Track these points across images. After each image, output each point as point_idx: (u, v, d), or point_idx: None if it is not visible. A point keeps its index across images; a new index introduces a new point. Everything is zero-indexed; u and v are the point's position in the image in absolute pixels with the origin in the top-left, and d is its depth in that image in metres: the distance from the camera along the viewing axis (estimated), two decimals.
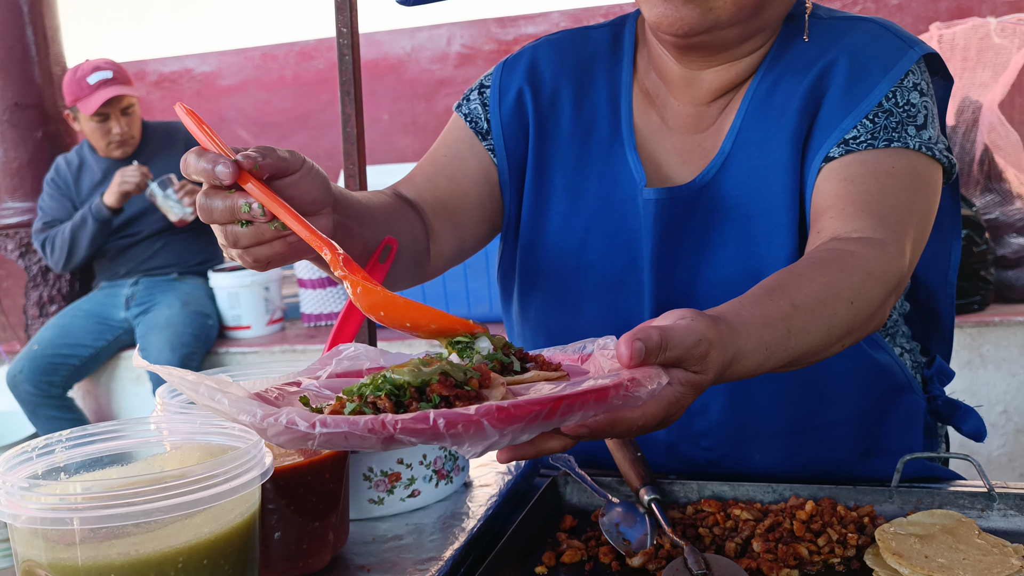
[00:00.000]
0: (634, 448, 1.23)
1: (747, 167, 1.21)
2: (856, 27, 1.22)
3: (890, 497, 1.14)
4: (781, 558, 1.02)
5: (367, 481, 1.18)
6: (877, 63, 1.17)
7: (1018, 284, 3.01)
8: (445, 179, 1.32)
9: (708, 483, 1.21)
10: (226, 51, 6.75)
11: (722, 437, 1.29)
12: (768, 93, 1.21)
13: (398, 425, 0.67)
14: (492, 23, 6.83)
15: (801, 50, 1.22)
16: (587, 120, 1.30)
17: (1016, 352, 2.91)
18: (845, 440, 1.29)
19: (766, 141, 1.20)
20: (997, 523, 1.10)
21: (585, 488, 1.24)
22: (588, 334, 1.19)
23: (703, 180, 1.22)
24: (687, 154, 1.27)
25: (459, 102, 1.37)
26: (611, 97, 1.30)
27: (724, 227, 1.21)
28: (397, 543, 1.12)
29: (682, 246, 1.23)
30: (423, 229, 1.27)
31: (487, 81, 1.37)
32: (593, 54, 1.34)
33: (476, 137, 1.34)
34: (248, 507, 0.83)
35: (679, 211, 1.22)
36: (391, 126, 6.50)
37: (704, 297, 1.22)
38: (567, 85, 1.32)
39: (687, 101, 1.27)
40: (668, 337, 0.77)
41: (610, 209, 1.27)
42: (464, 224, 1.32)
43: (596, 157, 1.29)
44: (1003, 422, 2.94)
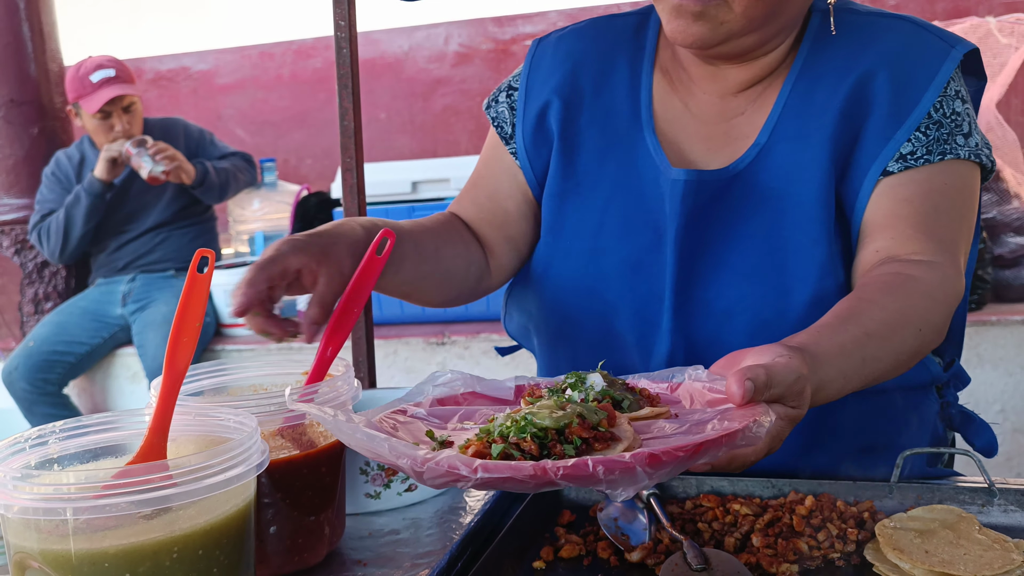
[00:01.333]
0: None
1: (783, 160, 1.21)
2: (894, 27, 1.23)
3: (890, 493, 1.14)
4: (781, 553, 1.02)
5: (363, 475, 1.17)
6: (922, 70, 1.19)
7: (1015, 283, 3.01)
8: (486, 198, 1.39)
9: (707, 478, 1.20)
10: (223, 49, 6.73)
11: None
12: (809, 90, 1.22)
13: (559, 472, 0.72)
14: (490, 22, 6.82)
15: (840, 48, 1.23)
16: (606, 105, 1.31)
17: (1013, 351, 2.91)
18: (852, 431, 1.28)
19: (805, 139, 1.21)
20: (998, 519, 1.10)
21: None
22: (606, 314, 1.23)
23: (736, 168, 1.22)
24: (711, 141, 1.27)
25: (488, 101, 1.41)
26: (632, 83, 1.31)
27: (755, 216, 1.22)
28: (394, 537, 1.11)
29: (709, 230, 1.22)
30: (479, 248, 1.36)
31: (515, 83, 1.39)
32: (616, 41, 1.35)
33: (502, 144, 1.39)
34: (243, 498, 0.83)
35: (708, 195, 1.22)
36: (388, 125, 6.49)
37: (727, 285, 1.22)
38: (587, 71, 1.33)
39: (713, 91, 1.28)
40: (772, 375, 0.82)
41: (628, 191, 1.27)
42: (515, 236, 1.38)
43: (615, 141, 1.30)
44: (1001, 421, 2.94)
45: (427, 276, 1.27)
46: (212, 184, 3.92)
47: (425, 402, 0.96)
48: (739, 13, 1.13)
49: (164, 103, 6.32)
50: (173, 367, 0.89)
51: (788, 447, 1.27)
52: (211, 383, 1.13)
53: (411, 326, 3.61)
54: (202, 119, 7.03)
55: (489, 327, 3.43)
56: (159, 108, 5.91)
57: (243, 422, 0.87)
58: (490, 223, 1.38)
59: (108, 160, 3.73)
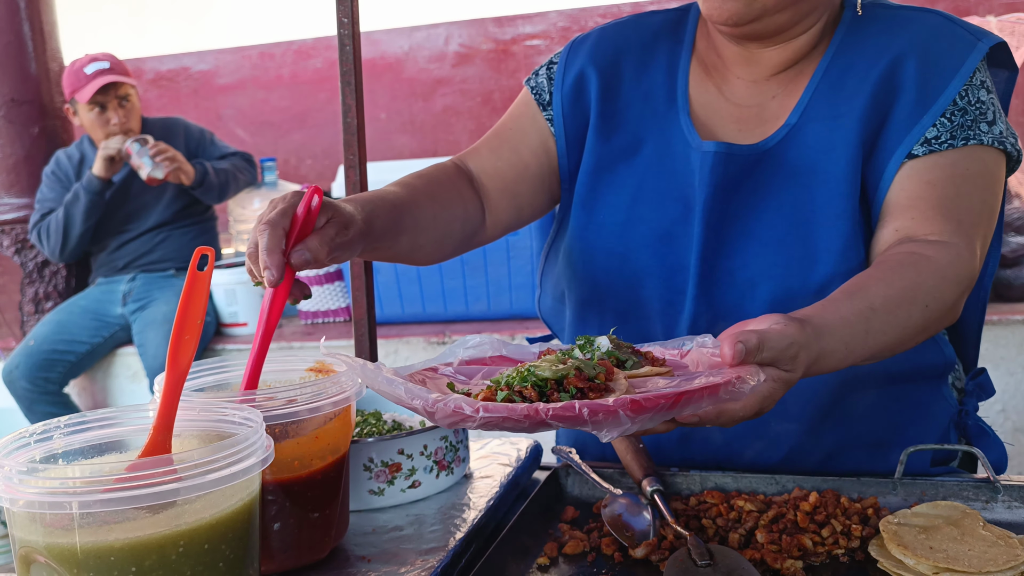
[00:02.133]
0: (636, 440, 1.23)
1: (813, 139, 1.25)
2: (924, 18, 1.27)
3: (894, 489, 1.14)
4: (785, 549, 1.02)
5: (367, 472, 1.17)
6: (949, 59, 1.22)
7: (1016, 283, 3.01)
8: (508, 151, 1.42)
9: (711, 474, 1.20)
10: (223, 49, 6.73)
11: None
12: (841, 75, 1.26)
13: (550, 412, 0.79)
14: (490, 23, 6.82)
15: (871, 37, 1.27)
16: (645, 90, 1.37)
17: (1014, 351, 2.91)
18: (864, 422, 1.28)
19: (836, 119, 1.24)
20: (1002, 515, 1.10)
21: (586, 480, 1.23)
22: (634, 284, 1.28)
23: (766, 145, 1.26)
24: (744, 122, 1.31)
25: (529, 76, 1.46)
26: (669, 70, 1.37)
27: (782, 191, 1.25)
28: (397, 534, 1.11)
29: (736, 202, 1.26)
30: (478, 202, 1.37)
31: (556, 58, 1.46)
32: (656, 33, 1.41)
33: (538, 108, 1.43)
34: (248, 493, 0.82)
35: (737, 168, 1.25)
36: (389, 125, 6.49)
37: (753, 255, 1.25)
38: (629, 60, 1.39)
39: (746, 76, 1.33)
40: (764, 340, 0.87)
41: (662, 166, 1.32)
42: (523, 194, 1.41)
43: (651, 121, 1.35)
44: (1001, 420, 2.94)
45: (419, 246, 1.28)
46: (212, 185, 3.91)
47: (455, 363, 1.02)
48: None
49: (165, 103, 6.32)
50: (176, 363, 0.89)
51: (800, 439, 1.27)
52: (213, 380, 1.13)
53: (412, 325, 3.60)
54: (203, 119, 7.02)
55: (490, 326, 3.43)
56: (160, 108, 5.91)
57: (248, 417, 0.87)
58: (503, 176, 1.40)
59: (106, 158, 3.73)
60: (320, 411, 1.00)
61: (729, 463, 1.29)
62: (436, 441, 1.20)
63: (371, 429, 1.25)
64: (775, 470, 1.25)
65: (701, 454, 1.31)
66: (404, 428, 1.27)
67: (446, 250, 1.36)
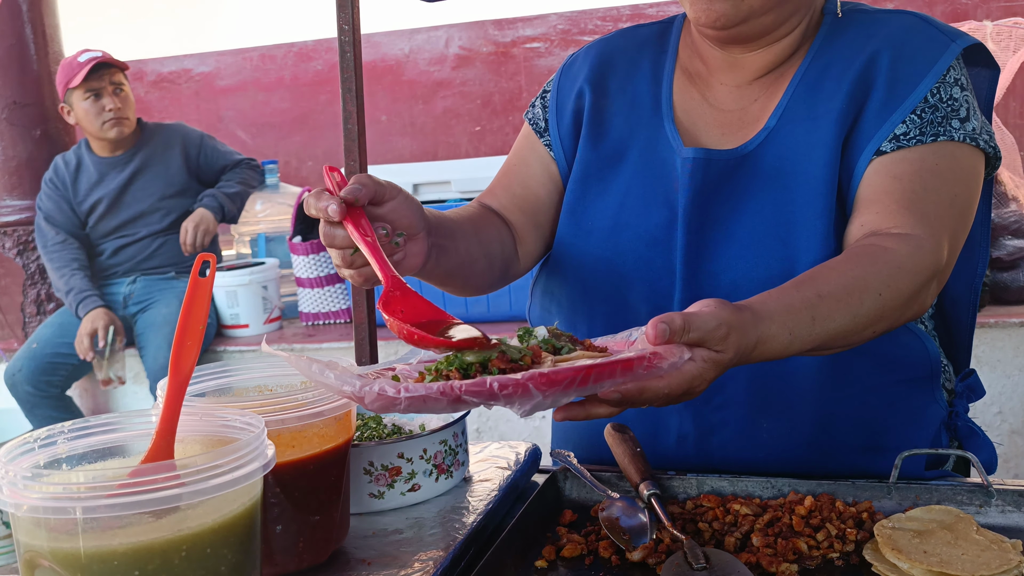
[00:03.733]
0: (633, 444, 1.24)
1: (792, 141, 1.27)
2: (897, 19, 1.30)
3: (888, 493, 1.15)
4: (780, 552, 1.03)
5: (367, 475, 1.18)
6: (921, 57, 1.24)
7: (1013, 286, 3.02)
8: (519, 186, 1.47)
9: (707, 478, 1.21)
10: (224, 51, 6.74)
11: (736, 395, 1.29)
12: (819, 77, 1.28)
13: (463, 388, 0.82)
14: (490, 25, 6.83)
15: (848, 39, 1.29)
16: (630, 98, 1.40)
17: (1011, 353, 2.92)
18: (853, 420, 1.30)
19: (813, 120, 1.26)
20: (995, 519, 1.11)
21: (584, 483, 1.24)
22: (621, 289, 1.30)
23: (745, 149, 1.28)
24: (727, 126, 1.33)
25: (527, 109, 1.52)
26: (654, 78, 1.40)
27: (762, 194, 1.27)
28: (397, 537, 1.12)
29: (715, 205, 1.28)
30: (510, 234, 1.43)
31: (548, 87, 1.51)
32: (641, 44, 1.45)
33: (537, 138, 1.49)
34: (250, 498, 0.84)
35: (716, 172, 1.28)
36: (389, 127, 6.50)
37: (735, 258, 1.26)
38: (615, 71, 1.43)
39: (729, 82, 1.35)
40: (690, 321, 0.89)
41: (648, 172, 1.35)
42: (543, 223, 1.46)
43: (637, 128, 1.38)
44: (998, 423, 2.94)
45: (473, 260, 1.33)
46: (231, 215, 3.99)
47: (414, 361, 1.03)
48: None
49: (166, 105, 6.33)
50: (178, 370, 0.90)
51: (793, 441, 1.29)
52: (215, 384, 1.14)
53: None
54: (203, 121, 7.03)
55: (490, 328, 3.42)
56: (161, 110, 5.92)
57: (250, 422, 0.89)
58: (522, 210, 1.46)
59: (82, 349, 3.73)
60: (323, 415, 1.01)
61: (725, 466, 1.30)
62: (435, 445, 1.21)
63: (371, 433, 1.26)
64: (771, 473, 1.27)
65: (698, 457, 1.33)
66: (404, 432, 1.28)
67: (495, 272, 1.41)
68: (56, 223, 3.90)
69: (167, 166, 3.95)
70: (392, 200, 1.11)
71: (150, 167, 3.93)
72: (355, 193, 1.05)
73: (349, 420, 1.08)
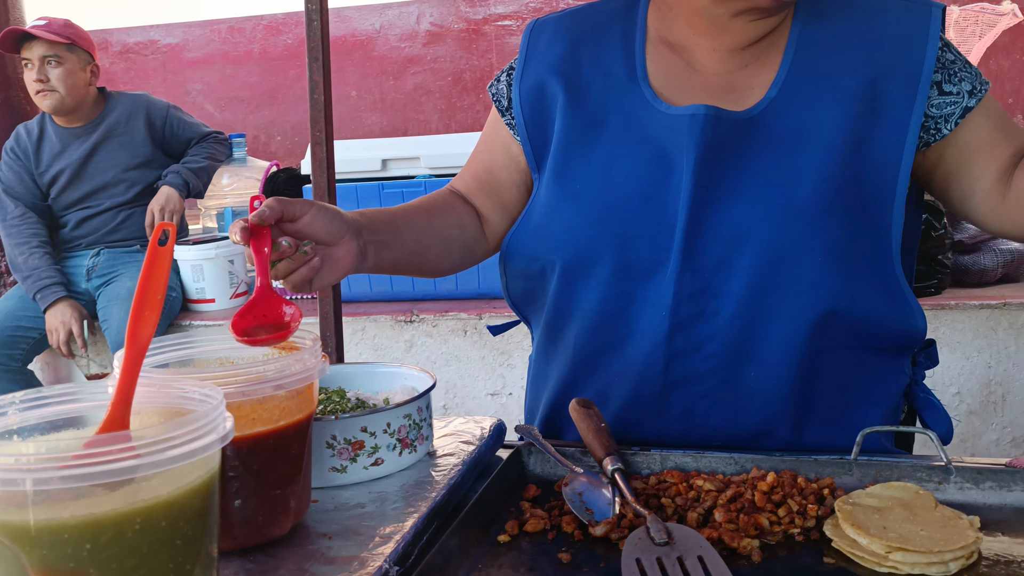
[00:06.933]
0: (598, 419, 1.24)
1: (797, 111, 1.30)
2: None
3: (849, 470, 1.16)
4: (742, 528, 1.03)
5: (330, 449, 1.17)
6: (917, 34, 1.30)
7: (974, 269, 3.06)
8: (483, 171, 1.53)
9: (671, 453, 1.22)
10: (192, 23, 6.63)
11: (725, 344, 1.31)
12: (814, 52, 1.32)
13: None
14: (461, 2, 6.77)
15: (831, 16, 1.33)
16: (604, 69, 1.41)
17: (970, 335, 2.96)
18: (831, 377, 1.32)
19: (820, 95, 1.30)
20: (954, 496, 1.12)
21: (548, 459, 1.24)
22: (620, 247, 1.33)
23: (750, 113, 1.30)
24: (716, 90, 1.34)
25: (492, 81, 1.53)
26: (626, 49, 1.41)
27: (767, 156, 1.29)
28: (359, 511, 1.12)
29: (723, 163, 1.29)
30: (473, 216, 1.51)
31: (514, 63, 1.50)
32: (610, 19, 1.45)
33: (499, 117, 1.51)
34: (207, 470, 0.82)
35: (726, 130, 1.29)
36: (359, 103, 6.44)
37: (740, 213, 1.28)
38: (586, 44, 1.43)
39: (718, 47, 1.36)
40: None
41: (630, 134, 1.36)
42: (509, 204, 1.52)
43: (614, 94, 1.39)
44: (956, 403, 2.99)
45: (426, 247, 1.42)
46: (197, 191, 3.93)
47: None
48: None
49: (132, 76, 6.22)
50: (136, 340, 0.88)
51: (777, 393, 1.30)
52: (176, 355, 1.12)
53: (379, 303, 3.59)
54: (170, 93, 6.90)
55: (458, 305, 3.43)
56: (127, 82, 5.81)
57: (208, 394, 0.87)
58: (486, 193, 1.53)
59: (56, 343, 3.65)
60: (283, 388, 1.00)
61: (704, 433, 1.33)
62: (399, 419, 1.21)
63: (334, 407, 1.25)
64: (746, 445, 1.29)
65: (674, 428, 1.35)
66: (368, 406, 1.27)
67: (454, 256, 1.48)
68: (16, 194, 3.82)
69: (131, 137, 3.88)
70: (305, 215, 1.20)
71: (114, 137, 3.86)
72: (260, 216, 1.14)
73: (311, 393, 1.07)
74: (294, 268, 1.18)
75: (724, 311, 1.30)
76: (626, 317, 1.35)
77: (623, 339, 1.36)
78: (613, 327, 1.36)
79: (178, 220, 3.84)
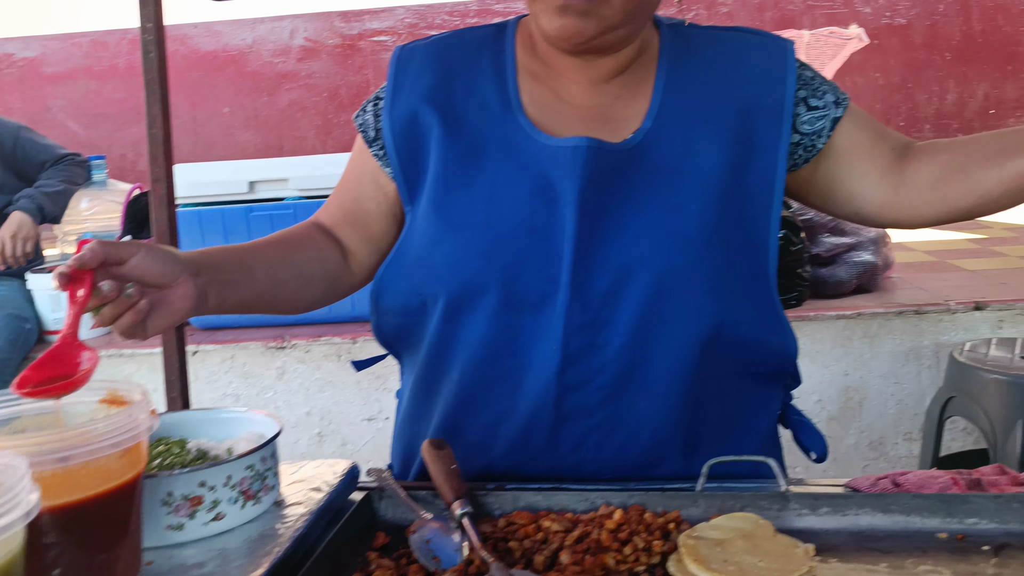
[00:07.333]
0: (448, 460, 1.22)
1: (672, 142, 1.32)
2: (731, 33, 1.41)
3: (696, 501, 1.17)
4: (588, 569, 1.03)
5: (166, 506, 1.12)
6: (775, 65, 1.36)
7: (831, 280, 3.19)
8: (350, 202, 1.48)
9: (523, 492, 1.21)
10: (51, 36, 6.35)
11: (615, 376, 1.31)
12: (685, 86, 1.35)
13: None
14: (336, 17, 6.70)
15: (698, 52, 1.38)
16: (479, 98, 1.39)
17: (829, 345, 3.08)
18: (715, 403, 1.35)
19: (692, 126, 1.33)
20: (793, 523, 1.15)
21: (401, 503, 1.21)
22: (507, 280, 1.31)
23: (628, 144, 1.31)
24: (590, 121, 1.35)
25: (358, 112, 1.48)
26: (498, 78, 1.40)
27: (650, 187, 1.31)
28: (199, 571, 1.07)
29: (607, 194, 1.30)
30: (336, 249, 1.45)
31: (381, 93, 1.46)
32: (479, 47, 1.43)
33: (366, 148, 1.46)
34: (8, 551, 0.77)
35: (608, 162, 1.30)
36: (232, 120, 6.28)
37: (627, 243, 1.29)
38: (458, 73, 1.41)
39: (583, 81, 1.37)
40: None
41: (511, 164, 1.34)
42: (377, 236, 1.47)
43: (491, 125, 1.37)
44: (818, 411, 3.11)
45: (280, 284, 1.36)
46: (53, 216, 3.74)
47: None
48: (619, 8, 1.25)
49: None
50: None
51: (668, 405, 1.32)
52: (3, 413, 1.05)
53: (249, 329, 3.49)
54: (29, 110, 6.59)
55: (331, 330, 3.36)
56: None
57: (10, 464, 0.81)
58: (353, 224, 1.47)
59: None
60: (103, 453, 0.95)
61: (596, 466, 1.33)
62: (241, 471, 1.16)
63: (173, 460, 1.20)
64: (637, 475, 1.32)
65: (566, 462, 1.34)
66: (209, 457, 1.22)
67: (315, 291, 1.42)
68: None
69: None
70: (133, 256, 1.15)
71: None
72: (80, 260, 1.10)
73: (139, 452, 1.02)
74: (119, 313, 1.13)
75: (614, 342, 1.30)
76: (515, 351, 1.33)
77: (512, 374, 1.34)
78: (501, 362, 1.34)
79: (32, 247, 3.65)
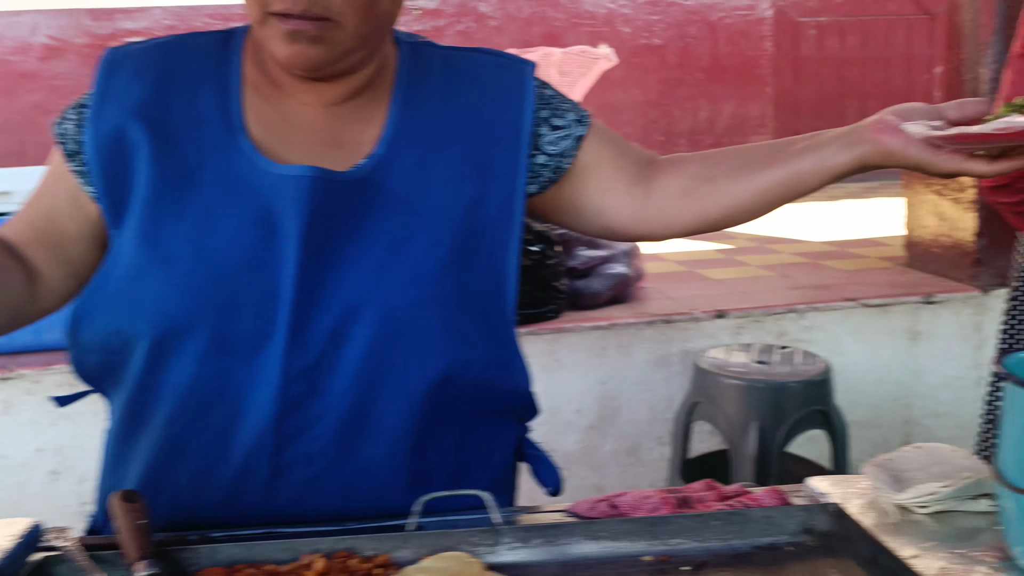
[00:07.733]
0: (137, 515, 1.10)
1: (403, 172, 1.25)
2: (478, 59, 1.36)
3: (408, 542, 1.12)
4: None
5: None
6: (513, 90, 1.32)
7: (586, 292, 3.28)
8: (42, 219, 1.30)
9: (222, 546, 1.11)
10: None
11: (337, 421, 1.23)
12: (420, 112, 1.28)
13: None
14: (84, 15, 6.25)
15: (435, 75, 1.31)
16: (198, 115, 1.26)
17: (586, 355, 3.17)
18: (445, 445, 1.30)
19: (427, 154, 1.26)
20: (506, 557, 1.12)
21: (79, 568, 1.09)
22: (220, 320, 1.20)
23: (358, 173, 1.23)
24: (319, 146, 1.26)
25: (58, 119, 1.30)
26: (220, 94, 1.28)
27: (379, 219, 1.23)
28: None
29: (333, 226, 1.22)
30: (18, 272, 1.26)
31: (87, 101, 1.28)
32: (203, 56, 1.30)
33: (64, 162, 1.29)
34: None
35: (334, 193, 1.21)
36: None
37: (353, 280, 1.21)
38: (175, 85, 1.28)
39: (312, 103, 1.28)
40: None
41: (228, 191, 1.23)
42: (74, 259, 1.30)
43: (209, 146, 1.25)
44: (577, 419, 3.19)
45: None
46: None
47: None
48: (351, 33, 1.18)
49: None
50: None
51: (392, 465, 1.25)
52: None
53: None
54: None
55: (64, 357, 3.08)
56: None
57: None
58: (44, 244, 1.29)
59: None
60: None
61: (319, 515, 1.24)
62: None
63: None
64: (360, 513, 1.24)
65: (287, 512, 1.25)
66: None
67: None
68: None
69: None
70: None
71: None
72: None
73: None
74: None
75: (337, 386, 1.22)
76: (226, 398, 1.22)
77: (224, 422, 1.23)
78: (211, 409, 1.23)
79: None
